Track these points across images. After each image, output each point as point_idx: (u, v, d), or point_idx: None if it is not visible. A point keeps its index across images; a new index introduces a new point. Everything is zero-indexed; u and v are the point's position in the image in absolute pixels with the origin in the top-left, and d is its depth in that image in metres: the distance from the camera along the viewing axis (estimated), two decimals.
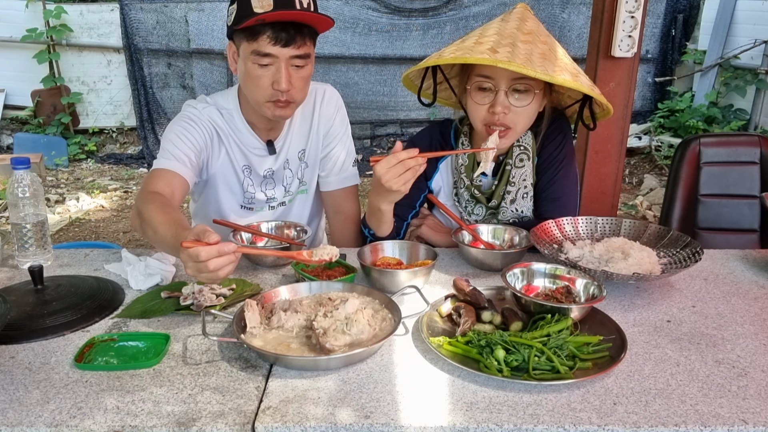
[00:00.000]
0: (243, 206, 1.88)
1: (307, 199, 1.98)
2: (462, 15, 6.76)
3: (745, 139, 2.28)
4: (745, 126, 6.18)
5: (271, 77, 1.60)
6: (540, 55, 1.48)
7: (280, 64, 1.59)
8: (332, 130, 1.90)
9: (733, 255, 1.67)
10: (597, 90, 1.54)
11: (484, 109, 1.60)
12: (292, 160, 1.88)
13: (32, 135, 6.84)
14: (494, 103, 1.57)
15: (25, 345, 1.20)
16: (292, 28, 1.56)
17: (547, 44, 1.54)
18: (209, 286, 1.40)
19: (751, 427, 0.96)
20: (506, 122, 1.59)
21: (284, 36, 1.55)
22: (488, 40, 1.51)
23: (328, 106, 1.88)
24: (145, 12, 6.73)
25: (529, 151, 1.72)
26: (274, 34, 1.55)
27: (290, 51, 1.58)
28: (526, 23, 1.57)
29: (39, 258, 1.58)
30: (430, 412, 0.98)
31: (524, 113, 1.60)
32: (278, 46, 1.56)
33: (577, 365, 1.08)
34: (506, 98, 1.57)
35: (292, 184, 1.91)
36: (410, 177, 1.45)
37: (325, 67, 6.82)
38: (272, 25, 1.55)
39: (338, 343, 1.12)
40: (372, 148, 7.04)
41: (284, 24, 1.55)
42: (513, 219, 1.74)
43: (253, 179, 1.85)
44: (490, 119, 1.59)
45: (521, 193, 1.73)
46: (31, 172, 1.56)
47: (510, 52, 1.46)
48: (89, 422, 0.97)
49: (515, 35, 1.52)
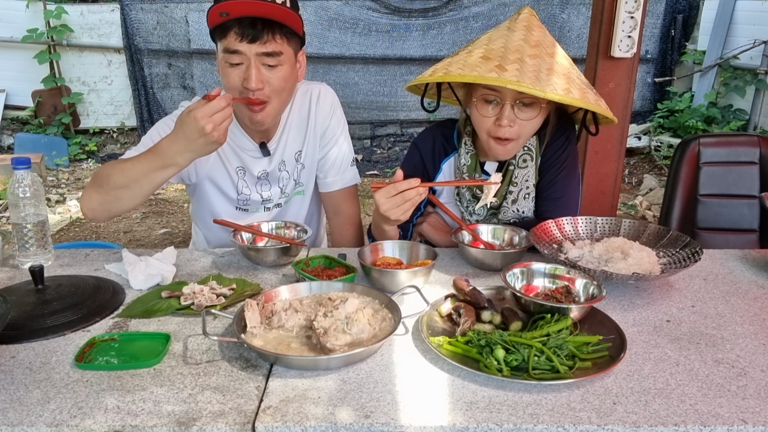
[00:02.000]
0: (238, 207, 1.88)
1: (304, 201, 1.97)
2: (462, 15, 6.76)
3: (744, 139, 2.28)
4: (745, 126, 6.18)
5: (242, 75, 1.59)
6: (548, 71, 1.47)
7: (249, 62, 1.57)
8: (329, 130, 1.89)
9: (733, 255, 1.68)
10: (603, 104, 1.54)
11: (490, 121, 1.60)
12: (288, 161, 1.87)
13: (33, 135, 6.85)
14: (500, 116, 1.58)
15: (25, 345, 1.20)
16: (260, 24, 1.54)
17: (554, 57, 1.53)
18: (209, 285, 1.40)
19: (751, 426, 0.96)
20: (511, 135, 1.60)
21: (251, 32, 1.54)
22: (496, 55, 1.50)
23: (323, 106, 1.86)
24: (145, 12, 6.73)
25: (532, 152, 1.72)
26: (240, 30, 1.54)
27: (257, 47, 1.56)
28: (533, 33, 1.56)
29: (40, 258, 1.58)
30: (430, 412, 0.98)
31: (529, 125, 1.61)
32: (245, 42, 1.54)
33: (576, 365, 1.08)
34: (512, 111, 1.57)
35: (288, 185, 1.90)
36: (409, 207, 1.48)
37: (325, 68, 6.83)
38: (240, 21, 1.53)
39: (339, 343, 1.13)
40: (372, 148, 7.04)
41: (252, 20, 1.53)
42: (514, 219, 1.75)
43: (247, 180, 1.84)
44: (495, 131, 1.60)
45: (523, 193, 1.73)
46: (31, 172, 1.56)
47: (518, 69, 1.45)
48: (90, 422, 0.97)
49: (522, 49, 1.51)
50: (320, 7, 6.72)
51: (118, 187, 1.53)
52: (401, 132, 7.17)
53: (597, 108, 1.51)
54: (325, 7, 6.74)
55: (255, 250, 1.59)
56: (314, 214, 2.06)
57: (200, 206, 1.93)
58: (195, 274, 1.56)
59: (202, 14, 6.73)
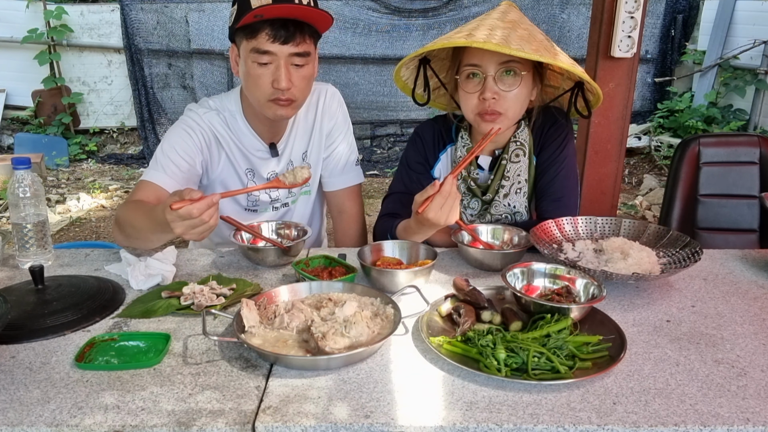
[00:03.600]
0: (248, 209, 1.89)
1: (309, 200, 1.99)
2: (462, 15, 6.76)
3: (744, 139, 2.28)
4: (745, 126, 6.18)
5: (271, 75, 1.60)
6: (518, 38, 1.50)
7: (279, 62, 1.58)
8: (334, 129, 1.91)
9: (733, 255, 1.68)
10: (579, 68, 1.55)
11: (475, 97, 1.62)
12: (296, 161, 1.89)
13: (33, 135, 6.85)
14: (483, 89, 1.60)
15: (25, 345, 1.20)
16: (291, 25, 1.56)
17: (528, 31, 1.56)
18: (209, 285, 1.40)
19: (751, 426, 0.96)
20: (497, 108, 1.61)
21: (283, 33, 1.55)
22: (467, 28, 1.56)
23: (330, 106, 1.88)
24: (145, 12, 6.73)
25: (525, 147, 1.73)
26: (273, 32, 1.55)
27: (290, 48, 1.57)
28: (508, 15, 1.60)
29: (40, 258, 1.58)
30: (429, 412, 0.98)
31: (514, 98, 1.62)
32: (277, 43, 1.56)
33: (576, 365, 1.08)
34: (495, 84, 1.59)
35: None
36: (455, 203, 1.45)
37: (325, 68, 6.82)
38: (271, 22, 1.54)
39: (337, 347, 1.12)
40: (372, 148, 7.04)
41: (283, 21, 1.55)
42: (505, 214, 1.75)
43: (256, 182, 1.85)
44: (482, 107, 1.61)
45: (515, 188, 1.74)
46: (31, 172, 1.56)
47: (487, 35, 1.49)
48: (89, 422, 0.97)
49: (495, 24, 1.55)
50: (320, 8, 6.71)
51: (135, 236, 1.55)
52: (401, 132, 7.17)
53: (572, 68, 1.52)
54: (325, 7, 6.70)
55: (255, 250, 1.59)
56: (316, 214, 2.07)
57: None
58: (195, 274, 1.56)
59: (203, 14, 6.74)
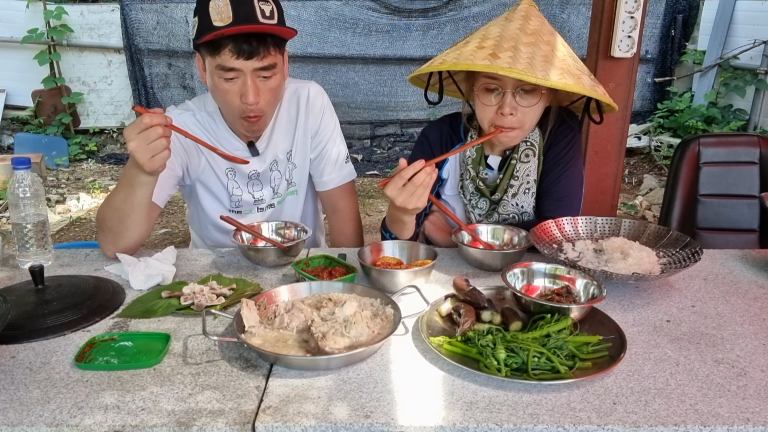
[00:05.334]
0: (231, 210, 1.87)
1: (297, 201, 1.96)
2: (462, 15, 6.76)
3: (744, 139, 2.28)
4: (745, 126, 6.18)
5: (239, 91, 1.59)
6: (542, 58, 1.48)
7: (245, 78, 1.56)
8: (321, 129, 1.88)
9: (733, 255, 1.68)
10: (601, 89, 1.54)
11: (492, 110, 1.61)
12: (280, 161, 1.86)
13: (33, 135, 6.85)
14: (502, 104, 1.58)
15: (25, 345, 1.20)
16: (254, 40, 1.52)
17: (551, 44, 1.53)
18: (209, 285, 1.40)
19: (751, 426, 0.96)
20: (513, 123, 1.60)
21: (246, 48, 1.52)
22: (490, 44, 1.51)
23: (313, 105, 1.85)
24: (145, 12, 6.74)
25: (535, 147, 1.73)
26: (235, 47, 1.51)
27: (254, 63, 1.54)
28: (530, 22, 1.57)
29: (39, 258, 1.58)
30: (429, 412, 0.98)
31: (531, 113, 1.61)
32: (241, 59, 1.53)
33: (576, 365, 1.08)
34: (513, 99, 1.58)
35: (280, 186, 1.89)
36: (422, 192, 1.44)
37: (325, 68, 6.82)
38: (233, 38, 1.51)
39: (337, 347, 1.12)
40: (372, 148, 7.04)
41: (246, 36, 1.51)
42: (513, 214, 1.75)
43: (238, 181, 1.84)
44: (499, 120, 1.61)
45: (523, 188, 1.73)
46: (31, 172, 1.56)
47: (512, 57, 1.46)
48: (89, 422, 0.97)
49: (518, 37, 1.52)
50: (320, 7, 6.72)
51: (112, 220, 1.56)
52: (401, 132, 7.17)
53: (592, 93, 1.51)
54: (325, 7, 6.74)
55: (255, 250, 1.59)
56: (309, 215, 2.05)
57: (195, 209, 1.93)
58: (195, 274, 1.56)
59: None
